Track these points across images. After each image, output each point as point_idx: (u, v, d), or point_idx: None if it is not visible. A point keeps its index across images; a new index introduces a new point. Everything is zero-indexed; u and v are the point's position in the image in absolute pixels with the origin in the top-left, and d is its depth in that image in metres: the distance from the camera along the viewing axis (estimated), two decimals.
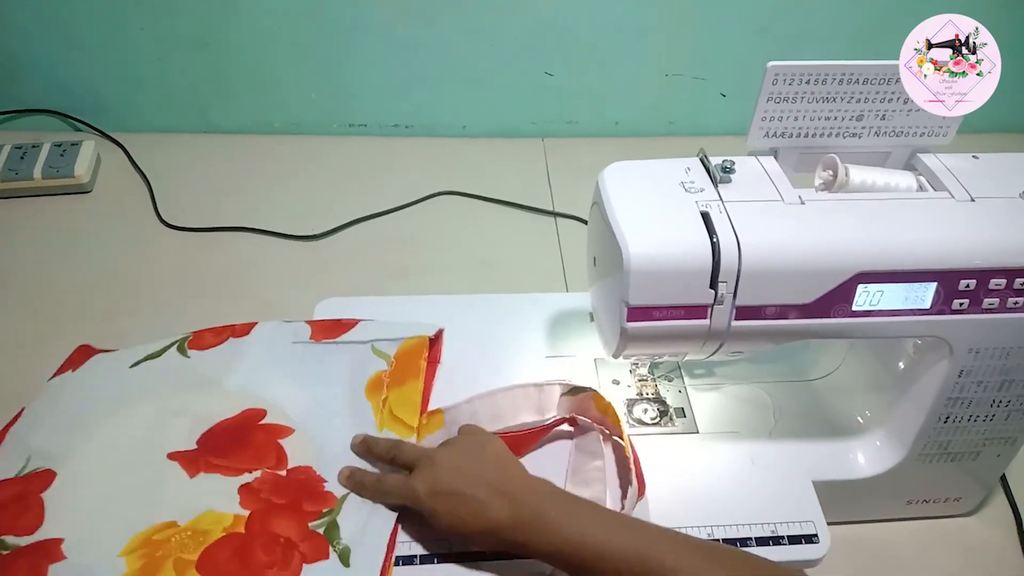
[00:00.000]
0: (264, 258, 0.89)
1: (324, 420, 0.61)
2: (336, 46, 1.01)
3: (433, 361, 0.66)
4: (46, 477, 0.55)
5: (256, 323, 0.68)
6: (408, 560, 0.54)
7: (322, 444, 0.59)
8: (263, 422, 0.60)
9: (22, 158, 0.95)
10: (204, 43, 1.00)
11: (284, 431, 0.60)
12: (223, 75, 1.03)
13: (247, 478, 0.56)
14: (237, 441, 0.59)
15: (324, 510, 0.55)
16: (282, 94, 1.05)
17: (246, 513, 0.54)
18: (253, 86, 1.04)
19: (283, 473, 0.57)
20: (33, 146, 0.96)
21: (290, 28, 0.99)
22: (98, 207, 0.95)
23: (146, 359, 0.64)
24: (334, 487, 0.57)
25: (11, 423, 0.61)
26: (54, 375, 0.66)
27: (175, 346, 0.66)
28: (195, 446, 0.58)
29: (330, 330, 0.68)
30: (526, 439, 0.60)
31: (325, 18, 0.98)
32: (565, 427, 0.62)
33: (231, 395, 0.62)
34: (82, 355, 0.68)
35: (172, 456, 0.58)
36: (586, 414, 0.62)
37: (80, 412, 0.61)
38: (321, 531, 0.54)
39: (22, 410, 0.62)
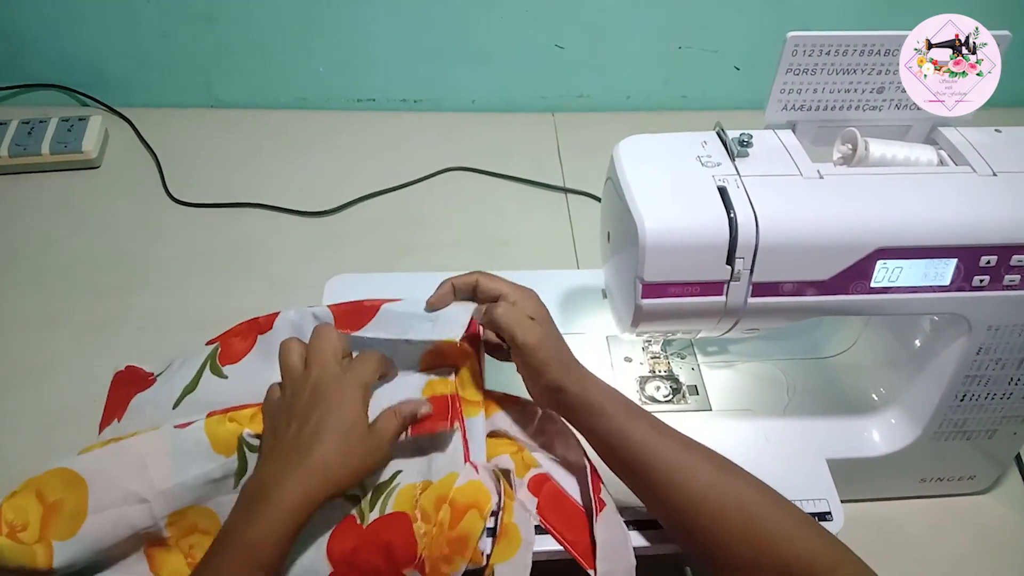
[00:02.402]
0: (273, 234, 0.89)
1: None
2: (344, 20, 0.99)
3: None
4: None
5: (278, 312, 0.62)
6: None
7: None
8: None
9: (29, 133, 0.94)
10: (210, 17, 0.99)
11: None
12: (229, 49, 1.02)
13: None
14: None
15: None
16: (289, 68, 1.04)
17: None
18: (259, 61, 1.03)
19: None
20: (40, 121, 0.95)
21: (296, 1, 0.97)
22: (106, 183, 0.94)
23: (184, 395, 0.60)
24: None
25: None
26: (103, 425, 0.62)
27: (207, 367, 0.61)
28: None
29: (351, 315, 0.60)
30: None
31: None
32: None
33: None
34: (118, 390, 0.64)
35: None
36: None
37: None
38: None
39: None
